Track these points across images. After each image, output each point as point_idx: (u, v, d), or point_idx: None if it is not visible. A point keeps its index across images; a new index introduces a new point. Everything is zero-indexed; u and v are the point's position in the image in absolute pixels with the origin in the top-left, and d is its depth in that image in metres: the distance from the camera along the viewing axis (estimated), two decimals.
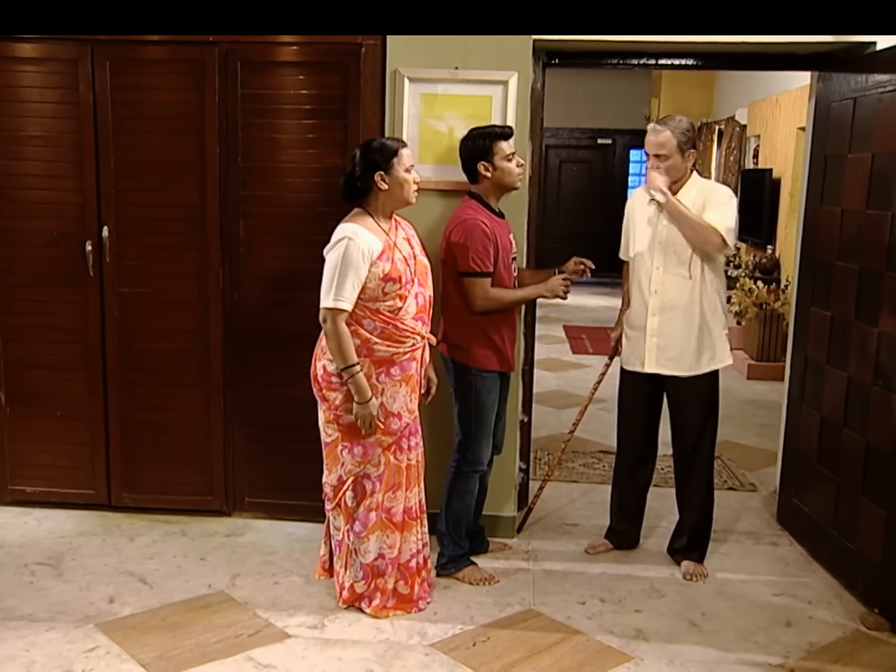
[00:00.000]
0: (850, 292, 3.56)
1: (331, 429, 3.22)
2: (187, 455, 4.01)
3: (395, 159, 3.10)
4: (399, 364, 3.16)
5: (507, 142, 3.40)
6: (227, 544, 3.81)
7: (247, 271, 3.87)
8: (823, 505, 3.76)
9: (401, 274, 3.11)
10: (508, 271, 3.46)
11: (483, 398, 3.47)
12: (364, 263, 3.03)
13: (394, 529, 3.25)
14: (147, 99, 3.78)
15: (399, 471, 3.24)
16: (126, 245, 3.87)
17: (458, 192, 3.63)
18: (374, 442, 3.18)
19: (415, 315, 3.18)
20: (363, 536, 3.22)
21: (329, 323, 3.04)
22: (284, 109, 3.77)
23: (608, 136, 12.84)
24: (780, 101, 7.93)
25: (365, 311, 3.10)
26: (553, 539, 3.97)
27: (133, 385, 3.98)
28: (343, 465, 3.21)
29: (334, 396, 3.15)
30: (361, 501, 3.22)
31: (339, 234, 3.08)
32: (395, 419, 3.19)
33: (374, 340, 3.11)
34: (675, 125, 3.42)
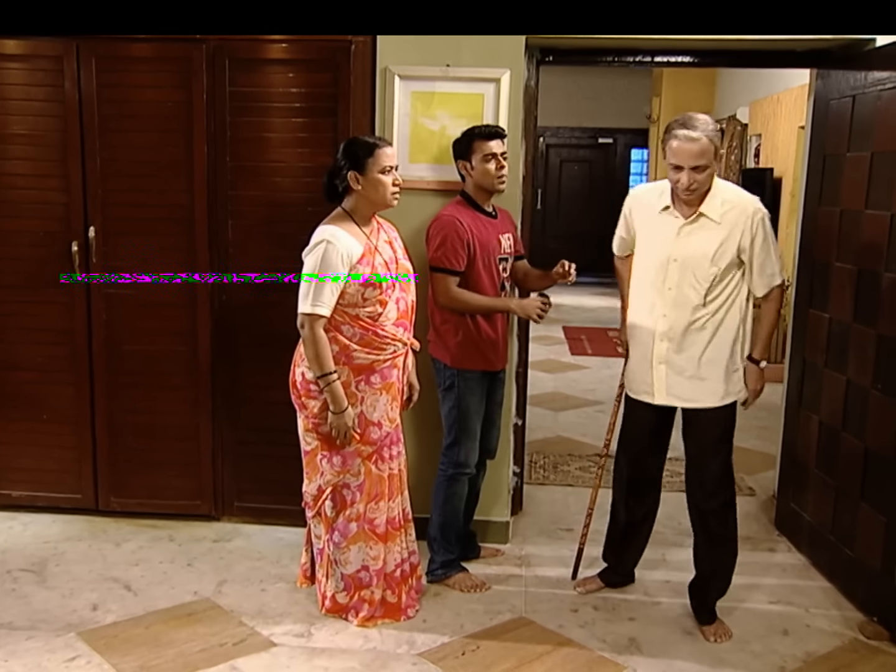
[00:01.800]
0: (848, 294, 3.50)
1: (310, 437, 3.15)
2: (175, 458, 3.96)
3: (370, 159, 3.00)
4: (379, 372, 3.09)
5: (490, 142, 3.33)
6: (214, 550, 3.75)
7: (235, 272, 3.81)
8: (822, 510, 3.70)
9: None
10: (491, 273, 3.38)
11: (465, 399, 3.41)
12: (343, 268, 2.96)
13: (377, 541, 3.18)
14: (134, 97, 3.73)
15: (381, 480, 3.17)
16: (113, 245, 3.82)
17: (450, 192, 3.58)
18: (354, 451, 3.11)
19: (396, 321, 3.11)
20: (343, 547, 3.16)
21: (307, 329, 2.97)
22: (273, 108, 3.72)
23: (609, 136, 12.74)
24: (781, 100, 7.86)
25: (344, 316, 3.02)
26: (546, 544, 3.92)
27: (120, 387, 3.93)
28: (322, 475, 3.14)
29: (313, 404, 3.08)
30: (341, 511, 3.16)
31: (318, 236, 3.00)
32: (375, 428, 3.12)
33: (354, 347, 3.03)
34: (707, 127, 2.94)
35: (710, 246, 3.03)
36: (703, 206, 3.03)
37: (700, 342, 3.09)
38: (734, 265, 3.05)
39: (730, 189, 3.13)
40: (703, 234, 3.05)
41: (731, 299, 3.08)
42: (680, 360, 3.12)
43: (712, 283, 3.04)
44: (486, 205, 3.43)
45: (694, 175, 2.95)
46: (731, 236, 3.02)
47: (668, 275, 3.09)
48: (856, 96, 3.50)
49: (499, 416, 3.65)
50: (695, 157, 2.92)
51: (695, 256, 3.05)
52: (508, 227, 3.51)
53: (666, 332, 3.13)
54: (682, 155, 2.93)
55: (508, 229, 3.50)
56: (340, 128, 3.66)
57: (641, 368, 3.23)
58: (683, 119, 2.96)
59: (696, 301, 3.06)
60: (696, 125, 2.92)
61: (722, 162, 2.69)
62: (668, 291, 3.10)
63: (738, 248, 3.02)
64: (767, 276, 3.08)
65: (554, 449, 5.18)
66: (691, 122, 2.93)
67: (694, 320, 3.08)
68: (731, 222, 3.02)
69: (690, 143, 2.92)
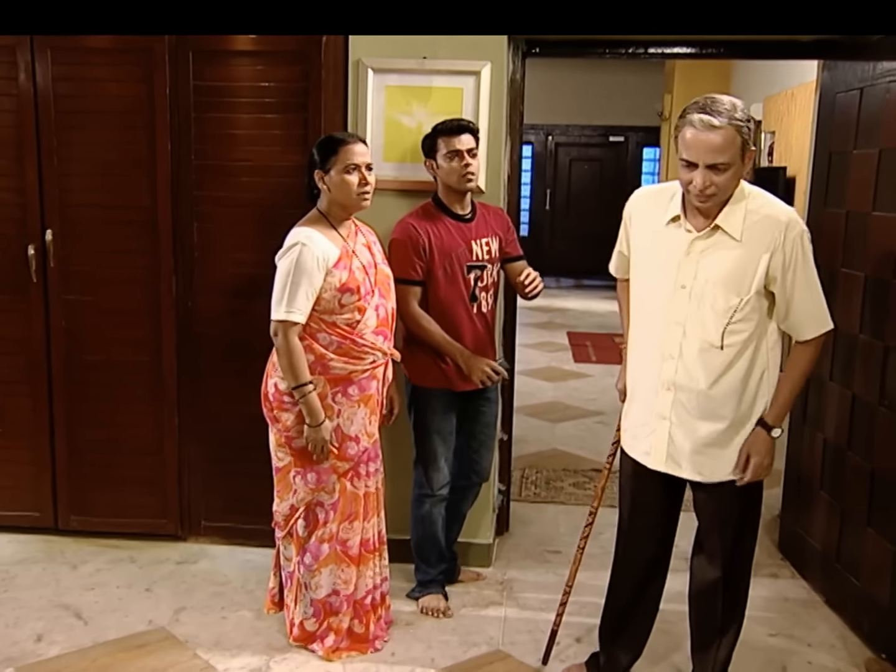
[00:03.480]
0: (854, 302, 3.29)
1: (282, 452, 3.00)
2: (139, 475, 3.81)
3: (334, 157, 2.86)
4: (357, 383, 2.94)
5: (454, 137, 3.14)
6: (177, 573, 3.58)
7: (201, 277, 3.67)
8: (827, 535, 3.49)
9: (359, 284, 2.88)
10: (455, 283, 3.18)
11: (425, 417, 3.26)
12: (319, 272, 2.81)
13: (349, 563, 3.02)
14: (92, 91, 3.57)
15: (356, 499, 3.01)
16: (72, 249, 3.67)
17: (428, 193, 3.40)
18: (329, 468, 2.95)
19: (375, 329, 2.95)
20: (314, 570, 2.99)
21: (280, 337, 2.82)
22: (240, 103, 3.56)
23: (620, 134, 12.55)
24: (795, 95, 7.64)
25: (320, 324, 2.87)
26: (532, 568, 3.72)
27: (80, 399, 3.78)
28: (295, 493, 2.99)
29: (286, 417, 2.92)
30: (313, 531, 3.00)
31: (292, 239, 2.86)
32: (352, 443, 2.96)
33: (330, 356, 2.88)
34: (733, 113, 2.26)
35: (726, 270, 2.39)
36: (721, 218, 2.38)
37: (718, 396, 2.45)
38: (760, 297, 2.40)
39: (759, 197, 2.43)
40: (719, 255, 2.40)
41: (756, 344, 2.43)
42: (689, 416, 2.48)
43: (731, 320, 2.39)
44: (459, 206, 3.23)
45: (711, 176, 2.29)
46: (755, 258, 2.36)
47: (675, 306, 2.44)
48: (863, 89, 3.30)
49: (488, 436, 3.44)
50: (714, 152, 2.26)
51: (709, 282, 2.40)
52: (490, 231, 3.29)
53: (672, 380, 2.48)
54: (697, 148, 2.28)
55: (489, 233, 3.28)
56: (311, 124, 3.51)
57: (640, 423, 2.62)
58: (703, 101, 2.29)
59: (712, 342, 2.42)
60: (720, 109, 2.26)
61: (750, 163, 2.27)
62: (675, 328, 2.45)
63: (767, 273, 2.36)
64: (810, 318, 2.43)
65: (548, 463, 4.99)
66: (713, 105, 2.27)
67: (709, 367, 2.44)
68: (755, 240, 2.37)
69: (709, 133, 2.25)
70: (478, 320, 3.25)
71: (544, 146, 12.63)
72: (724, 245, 2.40)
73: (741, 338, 2.41)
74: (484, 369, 3.16)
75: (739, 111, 2.28)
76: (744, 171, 2.34)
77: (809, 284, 2.40)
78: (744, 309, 2.39)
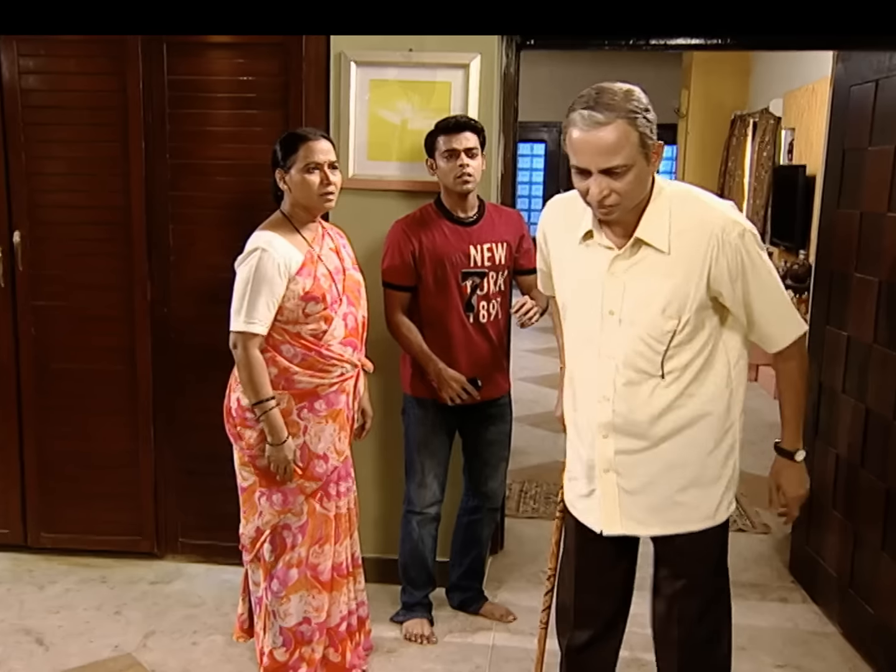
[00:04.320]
0: (868, 309, 3.14)
1: (246, 472, 2.87)
2: (113, 490, 3.70)
3: (294, 155, 2.73)
4: (324, 398, 2.80)
5: (453, 135, 3.01)
6: (149, 594, 3.47)
7: (178, 282, 3.57)
8: (840, 557, 3.34)
9: (325, 292, 2.75)
10: (448, 290, 3.06)
11: (412, 428, 3.17)
12: (280, 279, 2.68)
13: (320, 589, 2.88)
14: (61, 85, 3.48)
15: (326, 521, 2.88)
16: (41, 252, 3.57)
17: (416, 194, 3.31)
18: (296, 488, 2.82)
19: (343, 339, 2.81)
20: (282, 597, 2.86)
21: (239, 349, 2.70)
22: (217, 98, 3.46)
23: None
24: (816, 90, 7.47)
25: (283, 335, 2.74)
26: (525, 590, 3.58)
27: (51, 410, 3.68)
28: (260, 515, 2.86)
29: (249, 434, 2.80)
30: (280, 556, 2.85)
31: (251, 244, 2.74)
32: (320, 462, 2.83)
33: (295, 370, 2.75)
34: (625, 104, 1.92)
35: (657, 289, 2.05)
36: (641, 228, 2.05)
37: (666, 437, 2.12)
38: (706, 312, 2.08)
39: (685, 198, 2.10)
40: (647, 272, 2.06)
41: (709, 365, 2.10)
42: (635, 467, 2.15)
43: (670, 345, 2.06)
44: (460, 209, 3.10)
45: (609, 182, 1.95)
46: (692, 271, 2.03)
47: (605, 336, 2.11)
48: (879, 81, 3.15)
49: (494, 455, 3.28)
50: (605, 154, 1.92)
51: (640, 306, 2.07)
52: (495, 236, 3.12)
53: (610, 424, 2.13)
54: (585, 151, 1.94)
55: (494, 238, 3.12)
56: (292, 121, 3.39)
57: (580, 474, 2.25)
58: (588, 94, 1.94)
59: (651, 372, 2.09)
60: (607, 102, 1.91)
61: (659, 159, 1.93)
62: (607, 362, 2.11)
63: (707, 287, 2.04)
64: (777, 326, 2.13)
65: (549, 477, 4.84)
66: (600, 97, 1.92)
67: (652, 403, 2.10)
68: (687, 250, 2.03)
69: (596, 132, 1.90)
70: (475, 331, 3.11)
71: (557, 144, 12.47)
72: (651, 261, 2.06)
73: (683, 362, 2.08)
74: (453, 386, 3.03)
75: (634, 100, 1.93)
76: (653, 169, 2.02)
77: (766, 288, 2.07)
78: (683, 331, 2.06)
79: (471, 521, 3.34)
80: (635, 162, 1.94)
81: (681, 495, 2.15)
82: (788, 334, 2.13)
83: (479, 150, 3.05)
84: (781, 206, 7.60)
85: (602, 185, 1.94)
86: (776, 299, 2.10)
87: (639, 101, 1.94)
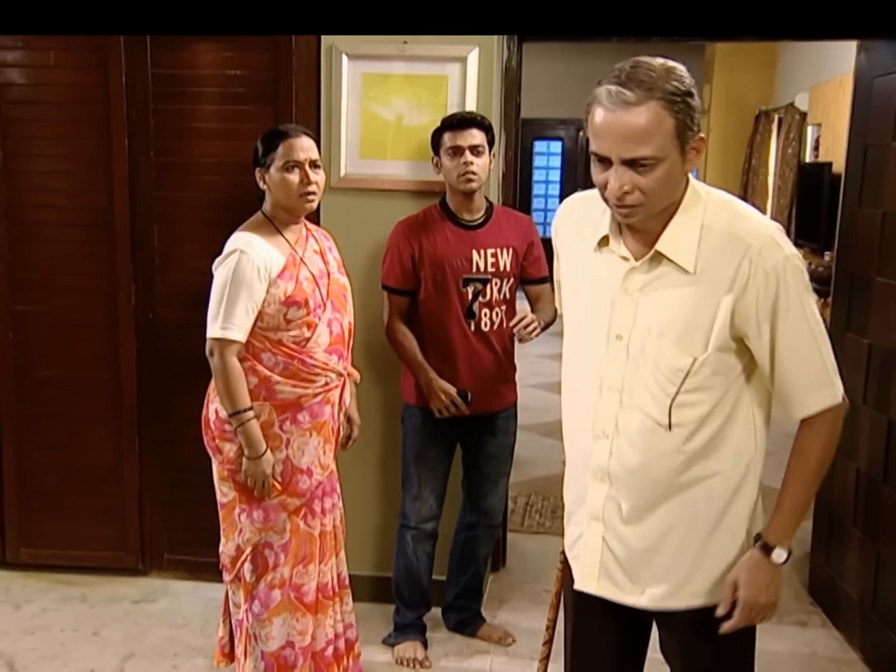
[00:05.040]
0: (891, 315, 3.03)
1: (226, 487, 2.78)
2: (96, 503, 3.65)
3: (273, 153, 2.65)
4: (308, 409, 2.71)
5: (457, 132, 2.93)
6: (131, 613, 3.39)
7: (163, 286, 3.52)
8: (861, 579, 3.22)
9: (307, 296, 2.66)
10: (447, 296, 2.97)
11: (408, 437, 3.12)
12: (260, 282, 2.59)
13: (304, 612, 2.79)
14: (41, 79, 3.45)
15: (310, 539, 2.79)
16: (21, 254, 3.53)
17: (412, 194, 3.24)
18: (278, 504, 2.73)
19: (328, 347, 2.72)
20: (264, 619, 2.76)
21: (216, 357, 2.61)
22: (204, 93, 3.41)
23: None
24: (843, 83, 7.32)
25: (264, 342, 2.66)
26: (527, 610, 3.48)
27: (31, 419, 3.63)
28: (241, 532, 2.77)
29: (229, 448, 2.71)
30: (262, 576, 2.76)
31: (231, 245, 2.66)
32: (303, 477, 2.74)
33: (276, 379, 2.66)
34: (664, 84, 1.58)
35: (673, 315, 1.71)
36: (664, 241, 1.71)
37: (664, 499, 1.78)
38: (729, 356, 1.72)
39: (723, 208, 1.74)
40: (664, 294, 1.72)
41: (728, 425, 1.75)
42: (626, 524, 1.82)
43: (681, 388, 1.71)
44: (466, 211, 3.01)
45: (632, 176, 1.61)
46: (716, 299, 1.68)
47: (610, 364, 1.77)
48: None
49: (494, 469, 3.19)
50: (631, 141, 1.59)
51: (652, 333, 1.72)
52: (501, 241, 3.02)
53: (604, 468, 1.80)
54: (608, 135, 1.61)
55: (500, 243, 3.02)
56: (282, 117, 3.32)
57: (572, 514, 1.94)
58: (621, 67, 1.62)
59: (657, 419, 1.73)
60: (642, 77, 1.58)
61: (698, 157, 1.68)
62: (610, 395, 1.78)
63: (731, 323, 1.68)
64: (804, 386, 1.71)
65: (557, 489, 4.64)
66: (634, 72, 1.59)
67: (654, 457, 1.75)
68: (716, 272, 1.68)
69: (623, 113, 1.58)
70: (476, 340, 3.01)
71: (575, 142, 12.32)
72: (671, 280, 1.71)
73: (697, 414, 1.72)
74: (441, 398, 2.95)
75: (675, 79, 1.59)
76: (689, 168, 1.68)
77: (802, 339, 1.69)
78: (699, 372, 1.69)
79: (468, 537, 3.26)
80: (667, 155, 1.61)
81: (689, 571, 1.80)
82: (815, 402, 1.71)
83: (485, 147, 2.97)
84: (807, 206, 7.45)
85: (624, 178, 1.62)
86: (811, 354, 1.70)
87: (680, 81, 1.61)
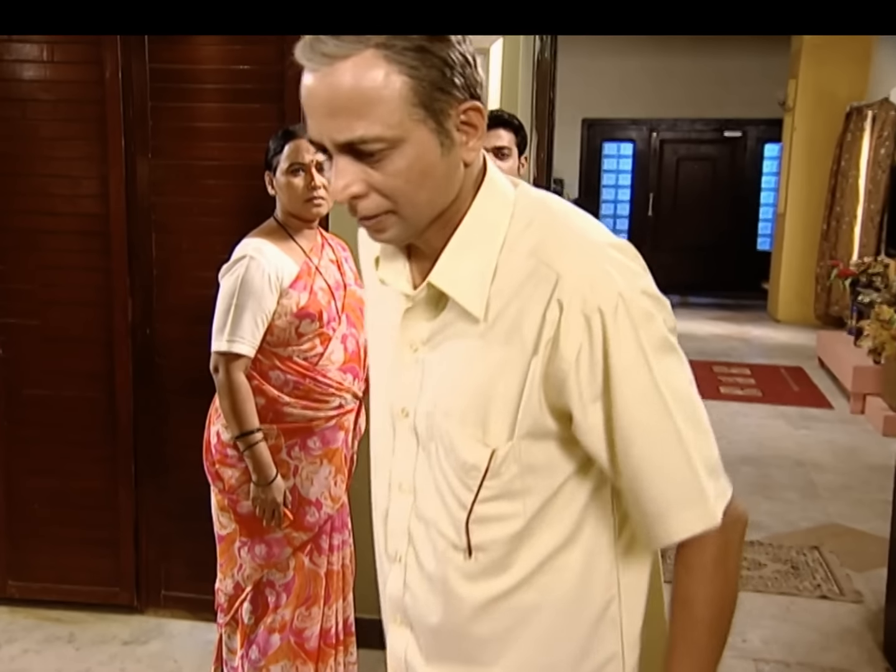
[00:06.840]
0: None
1: (225, 518, 2.72)
2: (89, 534, 3.60)
3: (280, 155, 2.60)
4: (319, 434, 2.65)
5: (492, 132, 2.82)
6: (119, 656, 3.32)
7: (162, 300, 3.48)
8: None
9: (322, 308, 2.60)
10: None
11: None
12: (271, 292, 2.54)
13: (305, 659, 2.71)
14: (30, 75, 3.41)
15: (315, 579, 2.71)
16: (10, 264, 3.51)
17: None
18: (283, 539, 2.66)
19: (342, 365, 2.64)
20: (261, 667, 2.69)
21: (221, 373, 2.56)
22: (205, 90, 3.36)
23: (737, 128, 12.01)
24: None
25: (272, 359, 2.60)
26: None
27: (21, 442, 3.60)
28: (241, 569, 2.71)
29: (230, 474, 2.65)
30: (261, 618, 2.70)
31: (239, 251, 2.62)
32: (311, 509, 2.66)
33: (285, 400, 2.60)
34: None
35: (461, 383, 1.20)
36: (439, 269, 1.19)
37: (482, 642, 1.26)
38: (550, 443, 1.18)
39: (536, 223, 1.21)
40: (450, 350, 1.21)
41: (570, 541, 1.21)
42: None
43: (478, 494, 1.19)
44: None
45: (360, 170, 1.11)
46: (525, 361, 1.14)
47: (398, 452, 1.29)
48: None
49: None
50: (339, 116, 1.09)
51: (437, 410, 1.21)
52: None
53: (401, 606, 1.33)
54: (313, 110, 1.12)
55: None
56: (288, 116, 3.22)
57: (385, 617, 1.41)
58: None
59: (453, 539, 1.23)
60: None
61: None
62: (401, 497, 1.29)
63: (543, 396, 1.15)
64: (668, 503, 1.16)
65: None
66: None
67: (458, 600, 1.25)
68: (518, 321, 1.15)
69: (327, 74, 1.09)
70: None
71: (647, 143, 12.20)
72: (458, 330, 1.20)
73: (504, 532, 1.21)
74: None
75: None
76: (466, 155, 1.18)
77: (651, 425, 1.14)
78: (502, 472, 1.18)
79: None
80: (405, 134, 1.09)
81: None
82: (678, 525, 1.16)
83: (512, 150, 2.87)
84: None
85: (347, 174, 1.11)
86: (668, 452, 1.14)
87: None
